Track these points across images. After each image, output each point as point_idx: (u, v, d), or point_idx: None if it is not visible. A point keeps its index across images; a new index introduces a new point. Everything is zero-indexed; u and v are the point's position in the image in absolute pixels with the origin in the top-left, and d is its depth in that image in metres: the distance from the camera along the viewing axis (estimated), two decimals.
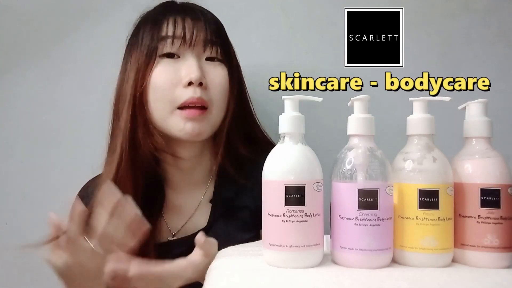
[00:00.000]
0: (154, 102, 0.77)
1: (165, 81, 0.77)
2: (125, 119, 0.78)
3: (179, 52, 0.78)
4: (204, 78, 0.77)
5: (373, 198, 0.53)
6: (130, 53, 0.81)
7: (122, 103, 0.80)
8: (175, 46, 0.78)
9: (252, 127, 0.88)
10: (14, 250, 1.02)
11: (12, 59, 1.04)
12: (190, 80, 0.76)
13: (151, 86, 0.77)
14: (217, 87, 0.79)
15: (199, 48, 0.79)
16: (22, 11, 1.04)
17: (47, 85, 1.03)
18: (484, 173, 0.57)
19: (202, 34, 0.78)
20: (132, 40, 0.83)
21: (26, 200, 1.03)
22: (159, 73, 0.77)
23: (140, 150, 0.77)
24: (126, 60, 0.82)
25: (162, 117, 0.78)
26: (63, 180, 1.02)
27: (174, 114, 0.77)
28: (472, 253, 0.56)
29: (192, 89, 0.76)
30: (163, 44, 0.77)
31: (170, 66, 0.77)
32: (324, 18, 1.01)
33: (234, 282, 0.51)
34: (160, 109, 0.77)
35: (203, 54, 0.79)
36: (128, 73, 0.80)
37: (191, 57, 0.78)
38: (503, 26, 0.98)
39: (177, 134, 0.78)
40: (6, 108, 1.04)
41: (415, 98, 0.59)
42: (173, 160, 0.83)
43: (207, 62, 0.80)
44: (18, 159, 1.04)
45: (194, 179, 0.85)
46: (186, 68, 0.77)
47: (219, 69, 0.80)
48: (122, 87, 0.81)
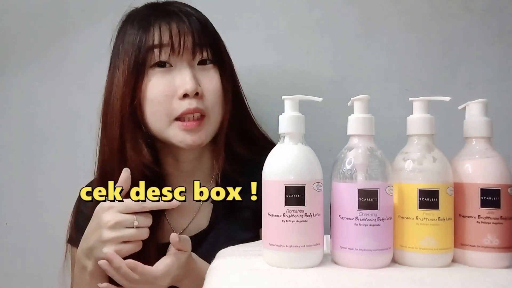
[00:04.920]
0: (151, 115, 0.77)
1: (160, 94, 0.76)
2: (113, 135, 0.77)
3: (170, 61, 0.77)
4: (199, 87, 0.76)
5: (373, 198, 0.53)
6: (116, 62, 0.79)
7: (110, 116, 0.78)
8: (164, 55, 0.76)
9: (249, 125, 0.88)
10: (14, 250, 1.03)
11: (12, 59, 1.04)
12: (185, 92, 0.75)
13: (147, 100, 0.76)
14: (213, 93, 0.78)
15: (189, 55, 0.77)
16: (22, 11, 1.04)
17: (47, 85, 1.04)
18: (484, 173, 0.57)
19: (190, 39, 0.76)
20: (117, 47, 0.81)
21: (26, 200, 1.03)
22: (153, 86, 0.76)
23: (127, 164, 0.76)
24: (113, 70, 0.80)
25: (160, 129, 0.78)
26: (63, 180, 1.02)
27: (173, 125, 0.77)
28: (472, 253, 0.56)
29: (188, 100, 0.75)
30: (151, 54, 0.76)
31: (163, 78, 0.76)
32: (324, 18, 1.01)
33: (234, 282, 0.51)
34: (158, 121, 0.77)
35: (193, 61, 0.78)
36: (116, 86, 0.78)
37: (184, 67, 0.76)
38: (503, 26, 0.98)
39: (178, 145, 0.78)
40: (5, 108, 1.04)
41: (415, 98, 0.59)
42: (174, 162, 0.83)
43: (200, 67, 0.78)
44: (18, 159, 1.04)
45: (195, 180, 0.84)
46: (179, 80, 0.76)
47: (212, 73, 0.79)
48: (109, 99, 0.79)
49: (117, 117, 0.77)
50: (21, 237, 1.04)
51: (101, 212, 0.70)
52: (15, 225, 1.03)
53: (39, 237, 1.02)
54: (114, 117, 0.77)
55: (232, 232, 0.81)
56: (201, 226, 0.83)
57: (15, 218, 1.03)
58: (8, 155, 1.04)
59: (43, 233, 1.02)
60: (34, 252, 1.03)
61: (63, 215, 0.87)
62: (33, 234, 1.03)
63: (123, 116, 0.77)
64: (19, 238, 1.04)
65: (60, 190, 1.02)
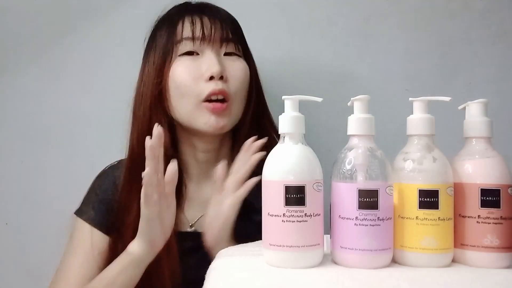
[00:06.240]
0: (178, 98, 0.80)
1: (187, 77, 0.79)
2: (143, 122, 0.81)
3: (198, 50, 0.81)
4: (225, 71, 0.80)
5: (373, 198, 0.53)
6: (148, 55, 0.84)
7: (139, 104, 0.83)
8: (194, 45, 0.80)
9: (269, 126, 0.88)
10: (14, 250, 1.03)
11: (12, 59, 1.04)
12: (211, 74, 0.78)
13: (173, 84, 0.80)
14: (238, 80, 0.82)
15: (217, 44, 0.81)
16: (22, 11, 1.04)
17: (47, 85, 1.04)
18: (484, 173, 0.57)
19: (220, 32, 0.81)
20: (150, 44, 0.85)
21: (26, 200, 1.03)
22: (180, 70, 0.80)
23: None
24: (144, 63, 0.85)
25: (188, 112, 0.80)
26: (63, 180, 1.03)
27: (200, 107, 0.79)
28: (472, 253, 0.56)
29: (214, 82, 0.79)
30: (181, 43, 0.80)
31: (190, 63, 0.80)
32: (324, 18, 1.01)
33: (234, 282, 0.51)
34: (185, 104, 0.80)
35: (221, 50, 0.82)
36: (146, 75, 0.83)
37: (211, 53, 0.80)
38: (503, 26, 0.98)
39: (201, 127, 0.80)
40: (5, 108, 1.04)
41: (415, 98, 0.59)
42: (193, 152, 0.85)
43: (226, 57, 0.82)
44: (18, 159, 1.04)
45: (211, 173, 0.84)
46: (206, 63, 0.79)
47: (238, 63, 0.83)
48: (140, 89, 0.84)
49: (147, 105, 0.81)
50: (21, 237, 1.04)
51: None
52: (15, 225, 1.03)
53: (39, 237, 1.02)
54: (144, 105, 0.81)
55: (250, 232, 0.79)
56: None
57: (15, 218, 1.03)
58: (8, 155, 1.04)
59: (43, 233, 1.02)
60: (34, 252, 1.03)
61: (63, 215, 0.87)
62: (33, 234, 1.03)
63: (151, 104, 0.81)
64: (19, 238, 1.04)
65: (60, 190, 1.02)
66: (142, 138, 0.76)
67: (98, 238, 0.82)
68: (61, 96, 1.03)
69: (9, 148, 1.04)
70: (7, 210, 1.04)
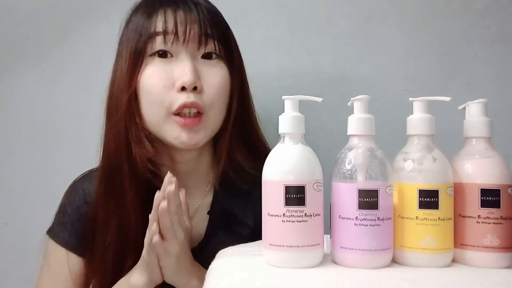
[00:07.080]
0: (147, 106, 0.72)
1: (157, 85, 0.71)
2: (118, 126, 0.73)
3: (171, 50, 0.72)
4: (199, 81, 0.72)
5: (373, 198, 0.53)
6: (120, 51, 0.76)
7: (113, 106, 0.75)
8: (167, 44, 0.71)
9: (254, 138, 0.82)
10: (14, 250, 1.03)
11: (12, 59, 1.04)
12: (183, 84, 0.70)
13: (143, 89, 0.72)
14: (214, 89, 0.73)
15: (194, 45, 0.72)
16: (22, 11, 1.04)
17: (47, 85, 1.04)
18: (484, 173, 0.57)
19: (196, 28, 0.71)
20: (122, 37, 0.77)
21: (26, 200, 1.03)
22: (150, 75, 0.72)
23: (132, 158, 0.73)
24: (116, 59, 0.77)
25: (156, 123, 0.73)
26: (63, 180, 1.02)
27: (169, 120, 0.72)
28: (472, 253, 0.56)
29: (186, 94, 0.70)
30: (153, 41, 0.72)
31: (162, 68, 0.72)
32: (324, 18, 1.01)
33: (234, 282, 0.51)
34: (154, 114, 0.72)
35: (198, 52, 0.73)
36: (117, 74, 0.75)
37: (185, 57, 0.72)
38: (503, 26, 0.98)
39: (172, 142, 0.73)
40: (6, 108, 1.04)
41: (415, 98, 0.59)
42: (170, 162, 0.79)
43: (204, 61, 0.73)
44: (18, 159, 1.04)
45: (190, 184, 0.80)
46: (179, 71, 0.71)
47: (217, 68, 0.74)
48: (112, 88, 0.76)
49: (121, 108, 0.73)
50: (21, 237, 1.04)
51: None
52: (15, 225, 1.03)
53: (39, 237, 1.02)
54: (118, 107, 0.73)
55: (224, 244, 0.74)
56: (195, 235, 0.79)
57: (15, 218, 1.03)
58: (8, 155, 1.04)
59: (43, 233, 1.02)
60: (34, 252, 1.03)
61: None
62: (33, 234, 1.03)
63: (126, 108, 0.73)
64: (19, 238, 1.04)
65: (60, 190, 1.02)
66: (120, 148, 0.73)
67: (75, 262, 0.79)
68: (61, 96, 1.04)
69: (9, 148, 1.04)
70: (7, 210, 1.04)
